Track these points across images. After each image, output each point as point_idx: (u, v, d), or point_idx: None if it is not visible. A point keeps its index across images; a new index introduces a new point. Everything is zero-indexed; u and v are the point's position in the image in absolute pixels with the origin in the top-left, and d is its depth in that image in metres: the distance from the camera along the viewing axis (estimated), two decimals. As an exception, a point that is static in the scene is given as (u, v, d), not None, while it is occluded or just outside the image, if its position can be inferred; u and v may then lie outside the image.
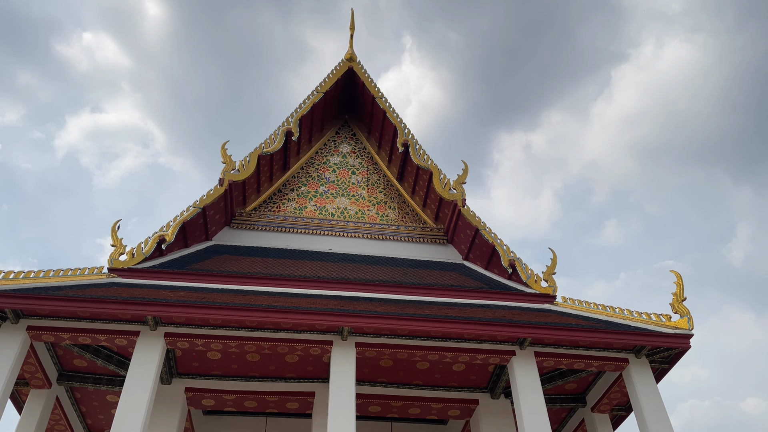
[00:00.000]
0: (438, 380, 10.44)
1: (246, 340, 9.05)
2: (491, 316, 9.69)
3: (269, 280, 10.69)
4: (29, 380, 9.47)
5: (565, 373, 10.46)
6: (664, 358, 9.87)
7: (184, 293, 9.40)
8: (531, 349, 9.56)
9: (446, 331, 9.17)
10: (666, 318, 9.77)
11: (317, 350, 9.23)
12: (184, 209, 11.61)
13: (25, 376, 9.40)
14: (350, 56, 15.27)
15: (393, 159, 14.91)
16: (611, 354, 9.64)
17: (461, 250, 13.52)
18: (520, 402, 8.90)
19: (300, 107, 14.11)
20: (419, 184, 14.18)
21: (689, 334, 9.40)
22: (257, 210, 13.95)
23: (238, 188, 13.08)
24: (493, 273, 12.59)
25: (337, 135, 15.85)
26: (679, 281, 10.00)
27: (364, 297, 10.47)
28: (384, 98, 14.57)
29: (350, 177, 14.99)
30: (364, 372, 10.16)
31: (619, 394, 10.38)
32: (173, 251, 11.57)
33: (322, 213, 14.16)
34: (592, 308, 10.44)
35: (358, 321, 8.98)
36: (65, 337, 8.69)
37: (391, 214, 14.47)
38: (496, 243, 12.14)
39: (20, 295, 8.35)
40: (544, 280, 11.45)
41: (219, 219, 12.86)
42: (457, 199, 12.96)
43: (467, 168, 13.42)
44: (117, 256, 10.38)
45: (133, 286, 9.70)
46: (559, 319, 9.84)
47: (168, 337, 8.87)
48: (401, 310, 9.52)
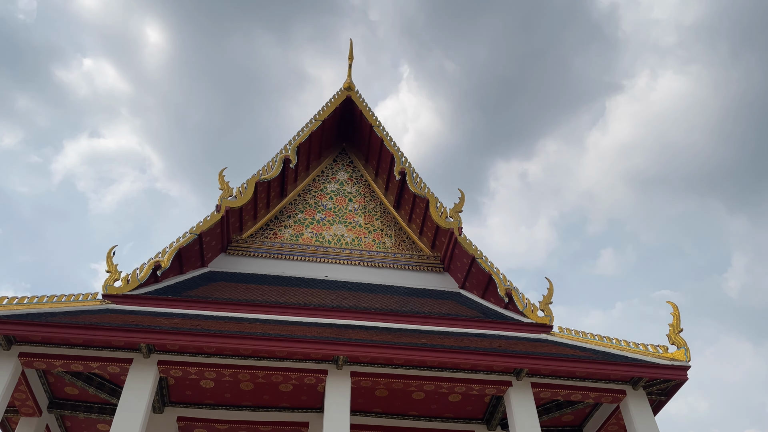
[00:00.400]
0: (434, 411, 10.32)
1: (240, 369, 8.95)
2: (488, 345, 9.63)
3: (265, 308, 10.62)
4: (19, 408, 9.33)
5: (562, 404, 10.35)
6: (661, 390, 9.79)
7: (178, 320, 9.33)
8: (528, 380, 9.47)
9: (442, 361, 9.10)
10: (663, 349, 9.72)
11: (312, 379, 9.14)
12: (180, 235, 11.60)
13: (15, 403, 9.26)
14: (348, 85, 15.43)
15: (390, 187, 14.97)
16: (608, 385, 9.56)
17: (458, 278, 13.49)
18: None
19: (298, 135, 14.21)
20: (416, 212, 14.21)
21: (686, 365, 9.34)
22: (254, 236, 13.93)
23: (235, 215, 13.09)
24: (489, 302, 12.54)
25: (334, 162, 15.93)
26: (675, 312, 9.98)
27: (359, 325, 10.41)
28: (381, 127, 14.70)
29: (347, 204, 15.02)
30: (359, 402, 10.04)
31: (617, 426, 10.26)
32: (168, 277, 11.52)
33: (319, 240, 14.15)
34: (588, 338, 10.38)
35: (354, 350, 8.90)
36: (57, 364, 8.59)
37: (388, 241, 14.47)
38: (493, 272, 12.12)
39: (13, 321, 8.27)
40: (541, 309, 11.41)
41: (215, 245, 12.84)
42: (454, 228, 12.98)
43: (464, 196, 13.47)
44: (112, 282, 10.32)
45: (127, 312, 9.63)
46: (556, 350, 9.78)
47: (161, 365, 8.77)
48: (397, 339, 9.46)
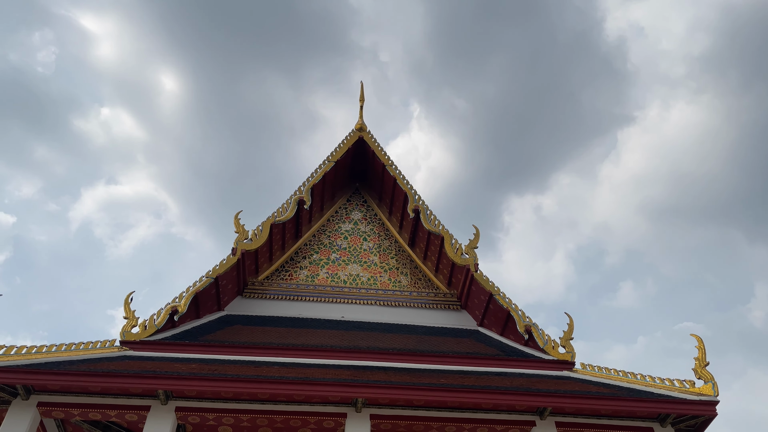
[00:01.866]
0: (456, 453, 10.07)
1: (258, 414, 8.85)
2: (509, 384, 9.45)
3: (282, 350, 10.55)
4: (37, 459, 9.26)
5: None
6: (690, 427, 9.49)
7: (195, 365, 9.29)
8: (552, 419, 9.25)
9: (463, 401, 8.93)
10: (690, 384, 9.47)
11: (331, 423, 8.99)
12: (196, 279, 11.64)
13: (32, 454, 9.19)
14: (360, 126, 15.63)
15: (404, 225, 14.98)
16: (635, 423, 9.30)
17: (475, 315, 13.34)
18: (543, 476, 8.54)
19: (312, 176, 14.34)
20: (431, 249, 14.17)
21: (715, 400, 9.08)
22: (269, 278, 13.94)
23: (251, 257, 13.13)
24: (509, 339, 12.36)
25: (348, 202, 16.02)
26: (700, 345, 9.76)
27: (378, 366, 10.28)
28: (394, 165, 14.80)
29: (362, 243, 15.03)
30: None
31: (647, 465, 9.93)
32: (185, 322, 11.51)
33: (335, 280, 14.12)
34: (612, 375, 10.15)
35: (373, 392, 8.78)
36: (75, 413, 8.55)
37: (404, 280, 14.40)
38: (511, 308, 11.98)
39: (31, 370, 8.28)
40: (562, 345, 11.21)
41: (231, 288, 12.85)
42: (470, 264, 12.90)
43: (478, 232, 13.43)
44: (129, 328, 10.33)
45: (144, 359, 9.61)
46: (579, 387, 9.56)
47: (179, 411, 8.69)
48: (416, 379, 9.31)
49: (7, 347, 8.57)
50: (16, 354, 8.58)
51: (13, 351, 8.60)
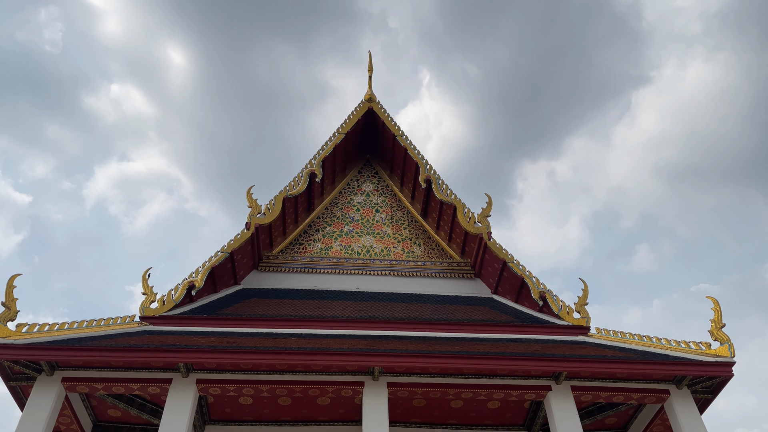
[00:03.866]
0: (473, 419, 10.21)
1: (277, 384, 9.00)
2: (524, 350, 9.51)
3: (298, 322, 10.68)
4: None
5: (605, 407, 10.15)
6: (706, 388, 9.53)
7: (214, 339, 9.44)
8: (567, 384, 9.32)
9: (479, 368, 9.02)
10: (706, 346, 9.47)
11: (349, 392, 9.13)
12: (212, 254, 11.75)
13: (60, 428, 9.45)
14: (369, 97, 15.51)
15: (416, 195, 14.95)
16: (651, 385, 9.35)
17: (489, 283, 13.38)
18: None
19: (322, 149, 14.31)
20: (443, 219, 14.16)
21: (731, 361, 9.08)
22: (284, 252, 14.04)
23: (265, 231, 13.22)
24: (523, 306, 12.40)
25: (359, 174, 16.00)
26: (716, 307, 9.73)
27: (393, 335, 10.38)
28: (404, 136, 14.71)
29: (374, 215, 15.05)
30: (397, 413, 10.00)
31: (662, 427, 10.01)
32: (203, 297, 11.67)
33: (348, 252, 14.19)
34: (628, 338, 10.18)
35: (389, 360, 8.88)
36: (99, 387, 8.75)
37: (417, 250, 14.43)
38: (525, 275, 11.99)
39: (55, 347, 8.46)
40: (577, 311, 11.23)
41: (246, 263, 12.97)
42: (483, 233, 12.89)
43: (491, 201, 13.38)
44: (148, 304, 10.49)
45: (164, 333, 9.77)
46: (595, 351, 9.61)
47: (200, 383, 8.87)
48: (432, 347, 9.40)
49: (30, 325, 8.75)
50: (39, 331, 8.76)
51: (36, 329, 8.78)
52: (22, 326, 8.69)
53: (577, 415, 8.94)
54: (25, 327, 8.69)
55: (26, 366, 8.57)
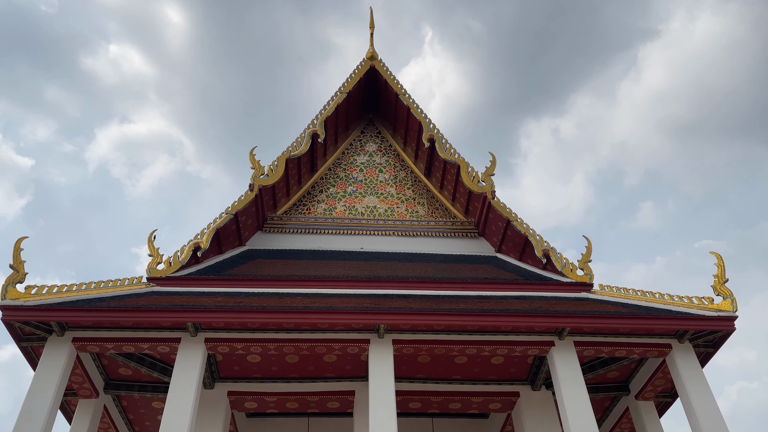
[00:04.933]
0: (477, 374, 10.39)
1: (284, 342, 9.15)
2: (527, 307, 9.60)
3: (304, 282, 10.78)
4: (77, 390, 9.74)
5: (607, 361, 10.30)
6: (708, 342, 9.65)
7: (221, 299, 9.55)
8: (570, 339, 9.44)
9: (483, 325, 9.12)
10: (708, 301, 9.55)
11: (355, 349, 9.28)
12: (216, 216, 11.80)
13: (72, 386, 9.66)
14: (371, 55, 15.28)
15: (419, 155, 14.88)
16: (653, 340, 9.47)
17: (493, 242, 13.43)
18: (562, 393, 8.80)
19: (324, 108, 14.18)
20: (447, 178, 14.12)
21: (733, 316, 9.17)
22: (288, 213, 14.07)
23: (268, 193, 13.22)
24: (527, 264, 12.47)
25: (362, 134, 15.89)
26: (720, 262, 9.76)
27: (398, 294, 10.48)
28: (407, 94, 14.55)
29: (378, 175, 15.01)
30: (403, 369, 10.17)
31: (664, 380, 10.18)
32: (208, 258, 11.76)
33: (352, 213, 14.21)
34: (631, 294, 10.26)
35: (394, 318, 8.99)
36: (109, 347, 8.91)
37: (421, 210, 14.44)
38: (529, 233, 12.02)
39: (64, 308, 8.58)
40: (580, 268, 11.29)
41: (251, 224, 13.02)
42: (487, 192, 12.87)
43: (495, 159, 13.32)
44: (155, 265, 10.58)
45: (172, 294, 9.88)
46: (598, 307, 9.70)
47: (208, 342, 9.02)
48: (436, 305, 9.50)
49: (39, 287, 8.86)
50: (48, 293, 8.87)
51: (45, 290, 8.88)
52: (31, 288, 8.79)
53: (579, 369, 9.09)
54: (34, 289, 8.80)
55: (37, 327, 8.71)
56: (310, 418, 12.07)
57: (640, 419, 10.48)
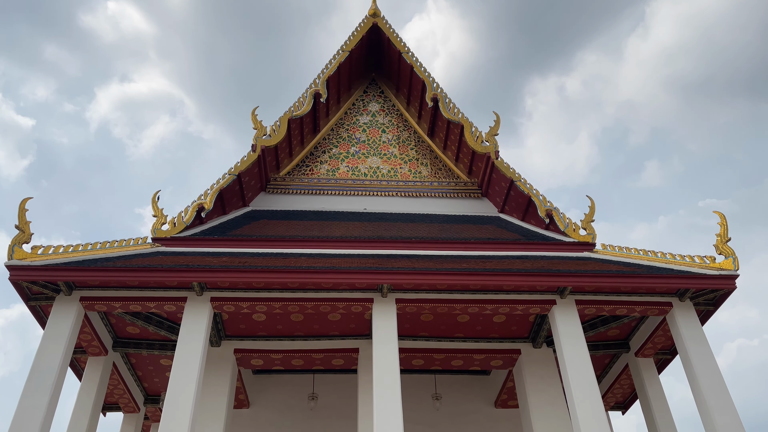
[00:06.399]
0: (479, 332, 10.54)
1: (289, 301, 9.26)
2: (530, 266, 9.67)
3: (308, 242, 10.84)
4: (86, 348, 9.93)
5: (608, 319, 10.42)
6: (709, 300, 9.74)
7: (226, 259, 9.63)
8: (572, 298, 9.53)
9: (485, 284, 9.20)
10: (710, 259, 9.59)
11: (358, 308, 9.40)
12: (219, 177, 11.79)
13: (82, 344, 9.84)
14: (374, 12, 15.00)
15: (423, 115, 14.75)
16: (654, 299, 9.55)
17: (496, 202, 13.43)
18: (563, 350, 8.94)
19: (326, 67, 14.01)
20: (450, 138, 14.03)
21: (735, 274, 9.22)
22: (291, 174, 14.05)
23: (271, 153, 13.18)
24: (530, 224, 12.50)
25: (365, 94, 15.73)
26: (723, 221, 9.77)
27: (401, 254, 10.55)
28: (410, 53, 14.34)
29: (381, 136, 14.92)
30: (406, 327, 10.32)
31: (664, 338, 10.32)
32: (212, 218, 11.81)
33: (355, 173, 14.18)
34: (632, 254, 10.30)
35: (397, 278, 9.07)
36: (117, 306, 9.04)
37: (424, 170, 14.40)
38: (532, 193, 12.01)
39: (71, 267, 8.67)
40: (583, 228, 11.32)
41: (254, 185, 13.02)
42: (490, 152, 12.80)
43: (499, 119, 13.20)
44: (159, 225, 10.64)
45: (177, 254, 9.96)
46: (599, 267, 9.76)
47: (214, 301, 9.13)
48: (439, 265, 9.57)
49: (45, 247, 8.93)
50: (54, 253, 8.95)
51: (51, 250, 8.96)
52: (38, 248, 8.87)
53: (580, 327, 9.21)
54: (40, 249, 8.88)
55: (44, 287, 8.82)
56: (315, 375, 12.32)
57: (639, 376, 10.67)
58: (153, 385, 11.82)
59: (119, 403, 11.66)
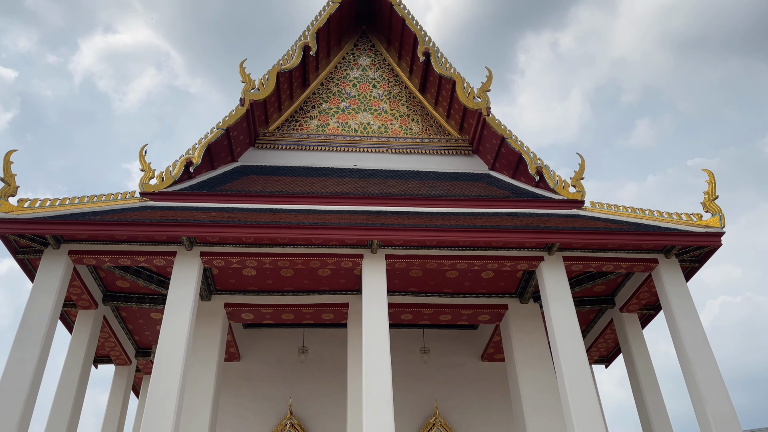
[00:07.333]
0: (467, 288, 10.67)
1: (279, 257, 9.29)
2: (519, 223, 9.72)
3: (297, 199, 10.80)
4: (76, 301, 9.95)
5: (594, 275, 10.57)
6: (694, 257, 9.88)
7: (215, 214, 9.59)
8: (559, 254, 9.63)
9: (474, 240, 9.26)
10: (697, 217, 9.69)
11: (348, 264, 9.45)
12: (207, 131, 11.63)
13: (71, 298, 9.86)
14: (365, -38, 14.58)
15: (414, 70, 14.54)
16: (640, 255, 9.67)
17: (487, 160, 13.40)
18: (549, 305, 9.08)
19: (316, 19, 13.69)
20: (442, 94, 13.88)
21: (720, 232, 9.34)
22: (280, 129, 13.89)
23: (260, 107, 12.99)
24: (520, 181, 12.51)
25: (355, 47, 15.44)
26: (711, 179, 9.83)
27: (391, 211, 10.55)
28: (402, 5, 14.03)
29: (371, 91, 14.72)
30: (395, 282, 10.41)
31: (648, 293, 10.50)
32: (201, 173, 11.71)
33: (345, 129, 14.04)
34: (621, 211, 10.37)
35: (387, 234, 9.10)
36: (106, 260, 9.02)
37: (415, 127, 14.29)
38: (523, 151, 11.98)
39: (59, 221, 8.60)
40: (572, 185, 11.35)
41: (243, 140, 12.87)
42: (482, 108, 12.70)
43: (491, 75, 13.04)
44: (147, 180, 10.54)
45: (165, 208, 9.91)
46: (588, 224, 9.83)
47: (203, 256, 9.14)
48: (429, 221, 9.60)
49: (32, 200, 8.84)
50: (41, 206, 8.86)
51: (38, 204, 8.87)
52: (24, 201, 8.77)
53: (567, 283, 9.33)
54: (26, 202, 8.78)
55: (32, 240, 8.77)
56: (305, 329, 12.48)
57: (624, 330, 10.91)
58: (144, 339, 11.92)
59: (111, 356, 11.78)
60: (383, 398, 7.96)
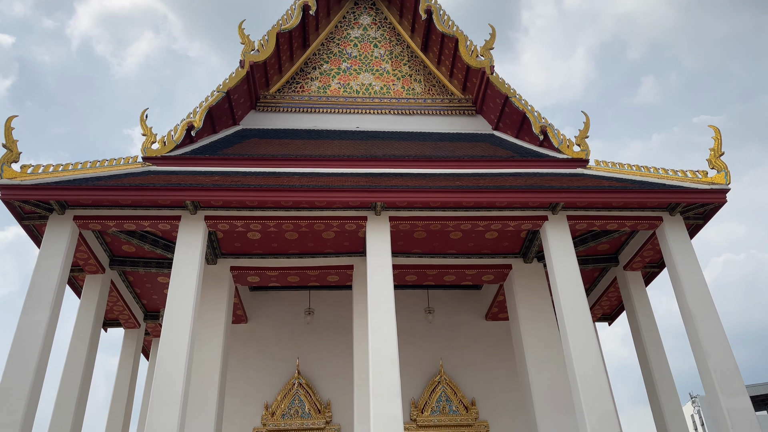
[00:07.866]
0: (471, 248, 10.69)
1: (283, 220, 9.30)
2: (523, 183, 9.68)
3: (300, 161, 10.76)
4: (83, 266, 10.03)
5: (598, 234, 10.57)
6: (699, 215, 9.85)
7: (219, 177, 9.57)
8: (563, 213, 9.61)
9: (478, 201, 9.23)
10: (702, 174, 9.62)
11: (352, 226, 9.46)
12: (207, 95, 11.53)
13: (79, 263, 9.94)
14: None
15: (416, 28, 14.27)
16: (645, 213, 9.65)
17: (490, 119, 13.27)
18: (553, 264, 9.11)
19: (315, -22, 13.39)
20: (445, 53, 13.66)
21: (725, 188, 9.29)
22: (281, 91, 13.74)
23: (260, 69, 12.82)
24: (524, 141, 12.41)
25: (356, 6, 15.13)
26: (717, 135, 9.72)
27: (395, 173, 10.51)
28: (403, -38, 13.69)
29: (373, 51, 14.49)
30: (399, 244, 10.44)
31: (652, 251, 10.51)
32: (203, 137, 11.64)
33: (347, 90, 13.88)
34: (625, 169, 10.31)
35: (391, 196, 9.08)
36: (111, 225, 9.05)
37: (417, 87, 14.11)
38: (527, 110, 11.84)
39: (63, 186, 8.60)
40: (577, 144, 11.26)
41: (244, 103, 12.76)
42: (485, 66, 12.51)
43: (494, 31, 12.80)
44: (149, 144, 10.49)
45: (168, 173, 9.89)
46: (592, 182, 9.78)
47: (208, 219, 9.16)
48: (432, 183, 9.56)
49: (35, 166, 8.82)
50: (44, 172, 8.85)
51: (41, 169, 8.86)
52: (27, 167, 8.76)
53: (571, 242, 9.34)
54: (29, 168, 8.77)
55: (37, 206, 8.78)
56: (311, 291, 12.60)
57: (627, 288, 10.97)
58: (152, 302, 12.07)
59: (119, 320, 11.95)
60: (389, 357, 8.07)
